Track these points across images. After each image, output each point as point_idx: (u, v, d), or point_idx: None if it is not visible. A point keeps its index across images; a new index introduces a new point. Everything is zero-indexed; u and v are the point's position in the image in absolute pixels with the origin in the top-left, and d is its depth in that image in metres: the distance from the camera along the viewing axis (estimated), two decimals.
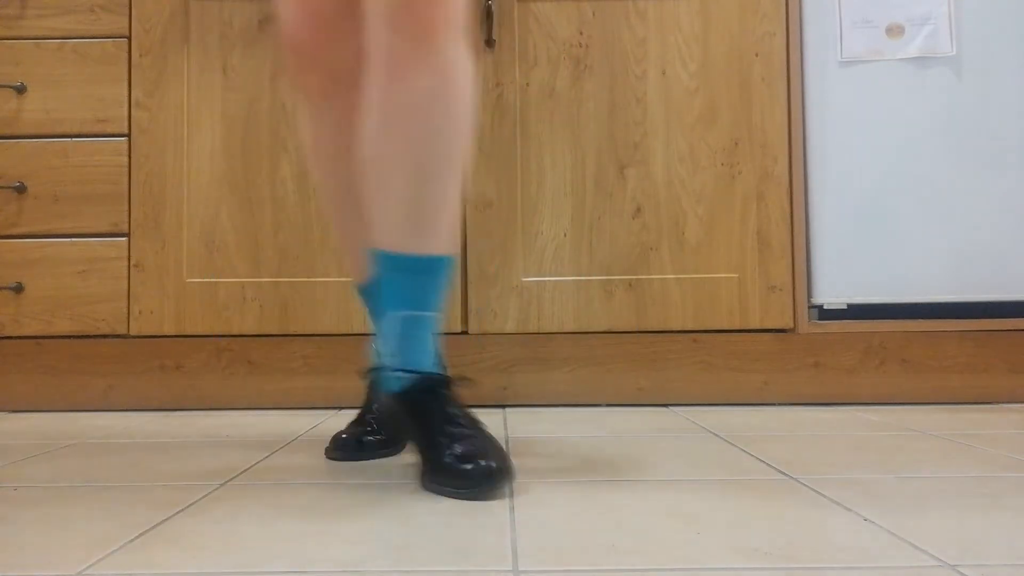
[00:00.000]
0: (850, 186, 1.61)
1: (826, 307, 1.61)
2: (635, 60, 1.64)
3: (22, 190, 1.64)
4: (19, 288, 1.63)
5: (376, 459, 1.10)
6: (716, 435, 1.27)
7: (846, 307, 1.61)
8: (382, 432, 1.13)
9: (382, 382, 0.99)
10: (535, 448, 1.17)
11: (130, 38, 1.66)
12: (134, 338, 1.64)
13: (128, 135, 1.65)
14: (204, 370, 1.64)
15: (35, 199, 1.64)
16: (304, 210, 1.63)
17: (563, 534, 0.74)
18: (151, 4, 1.65)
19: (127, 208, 1.64)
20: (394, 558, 0.68)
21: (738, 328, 1.61)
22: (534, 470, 1.02)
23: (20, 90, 1.65)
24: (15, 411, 1.65)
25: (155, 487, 0.95)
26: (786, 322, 1.61)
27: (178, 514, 0.83)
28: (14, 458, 1.15)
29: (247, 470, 1.04)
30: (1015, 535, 0.73)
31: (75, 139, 1.65)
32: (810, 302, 1.62)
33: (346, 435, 1.11)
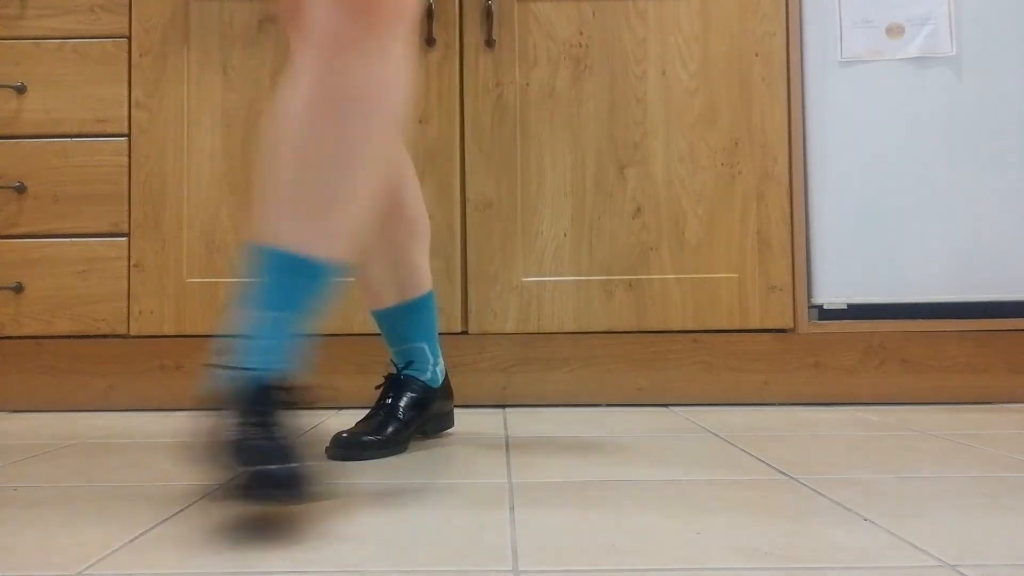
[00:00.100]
0: (850, 186, 1.61)
1: (826, 307, 1.61)
2: (635, 60, 1.64)
3: (22, 190, 1.64)
4: (19, 288, 1.63)
5: (376, 459, 1.10)
6: (716, 435, 1.27)
7: (846, 307, 1.61)
8: (382, 434, 1.13)
9: (215, 379, 0.86)
10: (535, 448, 1.17)
11: (130, 38, 1.66)
12: (134, 338, 1.64)
13: (128, 135, 1.65)
14: (204, 370, 1.64)
15: (35, 199, 1.64)
16: None
17: (563, 534, 0.74)
18: (151, 4, 1.65)
19: (127, 208, 1.64)
20: (394, 558, 0.68)
21: (738, 328, 1.61)
22: (534, 470, 1.02)
23: (20, 90, 1.65)
24: (15, 411, 1.65)
25: (155, 487, 0.95)
26: (786, 322, 1.61)
27: (178, 514, 0.83)
28: (14, 458, 1.15)
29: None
30: (1015, 535, 0.73)
31: (75, 139, 1.65)
32: (810, 302, 1.62)
33: (347, 435, 1.12)
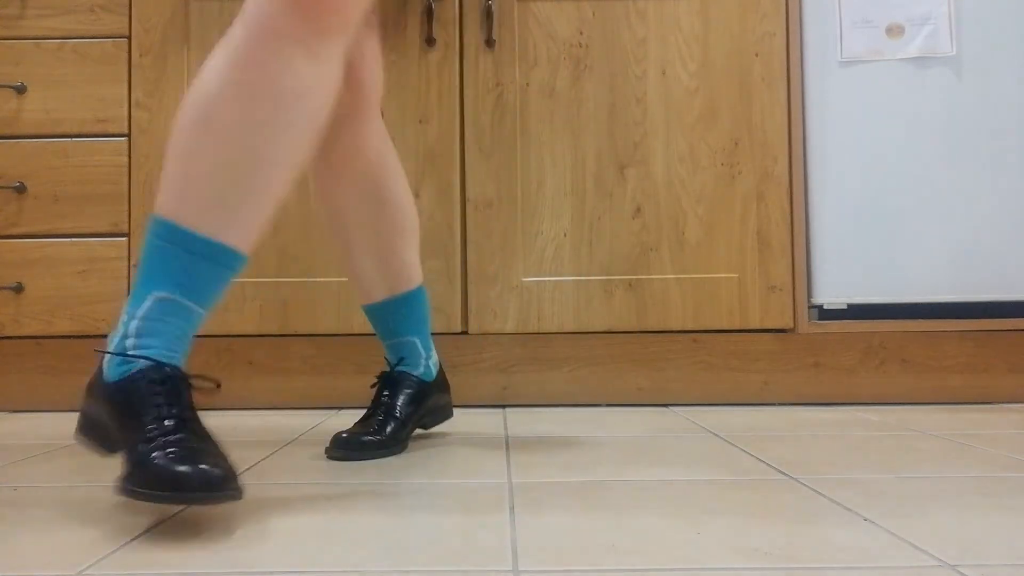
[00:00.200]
0: (850, 186, 1.61)
1: (826, 307, 1.61)
2: (635, 60, 1.64)
3: (22, 190, 1.64)
4: (19, 288, 1.63)
5: (376, 459, 1.10)
6: (716, 435, 1.27)
7: (846, 307, 1.61)
8: (382, 434, 1.13)
9: (104, 368, 0.83)
10: (535, 448, 1.17)
11: (130, 38, 1.66)
12: None
13: (128, 135, 1.65)
14: (203, 370, 1.64)
15: (35, 199, 1.64)
16: (304, 210, 1.63)
17: (563, 534, 0.74)
18: (151, 4, 1.65)
19: (127, 208, 1.64)
20: (394, 558, 0.68)
21: (738, 328, 1.61)
22: (534, 470, 1.02)
23: (20, 90, 1.65)
24: (15, 411, 1.65)
25: None
26: (786, 322, 1.61)
27: (178, 514, 0.83)
28: (14, 458, 1.15)
29: (247, 470, 1.04)
30: (1015, 535, 0.73)
31: (75, 139, 1.65)
32: (810, 302, 1.62)
33: (347, 435, 1.12)
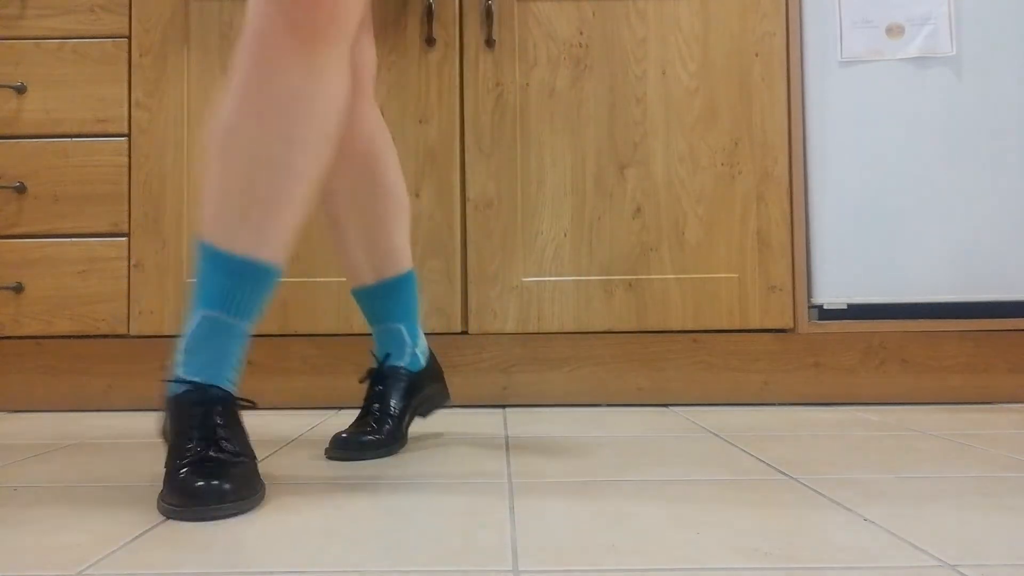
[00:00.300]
0: (850, 186, 1.61)
1: (826, 307, 1.61)
2: (635, 60, 1.64)
3: (22, 190, 1.64)
4: (19, 288, 1.63)
5: (376, 459, 1.10)
6: (716, 435, 1.27)
7: (846, 307, 1.61)
8: (381, 432, 1.13)
9: (169, 385, 0.91)
10: (535, 448, 1.17)
11: (130, 38, 1.66)
12: (134, 338, 1.64)
13: (128, 135, 1.65)
14: None
15: (35, 199, 1.64)
16: None
17: (563, 534, 0.74)
18: (151, 4, 1.65)
19: (127, 208, 1.64)
20: (394, 558, 0.68)
21: (738, 328, 1.61)
22: (534, 470, 1.02)
23: (20, 90, 1.65)
24: (15, 411, 1.65)
25: (155, 487, 0.95)
26: (786, 322, 1.61)
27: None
28: (14, 458, 1.15)
29: None
30: (1015, 535, 0.73)
31: (75, 139, 1.65)
32: (810, 302, 1.62)
33: (346, 435, 1.12)
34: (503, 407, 1.62)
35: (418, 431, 1.33)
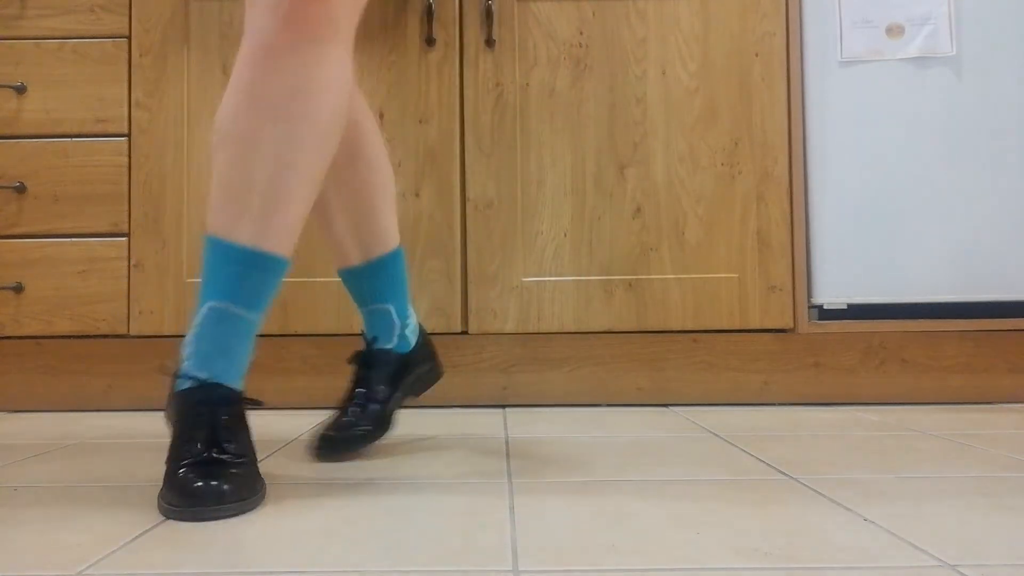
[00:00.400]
0: (850, 186, 1.61)
1: (826, 307, 1.61)
2: (635, 60, 1.64)
3: (22, 190, 1.64)
4: (19, 288, 1.63)
5: (361, 448, 1.10)
6: (716, 435, 1.27)
7: (846, 307, 1.61)
8: (366, 420, 1.11)
9: (175, 379, 0.91)
10: (535, 448, 1.17)
11: (130, 38, 1.66)
12: (134, 338, 1.64)
13: (128, 135, 1.65)
14: None
15: (35, 199, 1.64)
16: None
17: (563, 534, 0.74)
18: (151, 4, 1.65)
19: (127, 208, 1.64)
20: (394, 558, 0.68)
21: (738, 328, 1.61)
22: (534, 470, 1.02)
23: (20, 90, 1.65)
24: (15, 411, 1.65)
25: (155, 487, 0.95)
26: (786, 322, 1.61)
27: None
28: (14, 458, 1.15)
29: None
30: (1015, 535, 0.73)
31: (75, 139, 1.65)
32: (810, 302, 1.62)
33: (331, 431, 1.10)
34: (503, 407, 1.62)
35: (418, 431, 1.33)
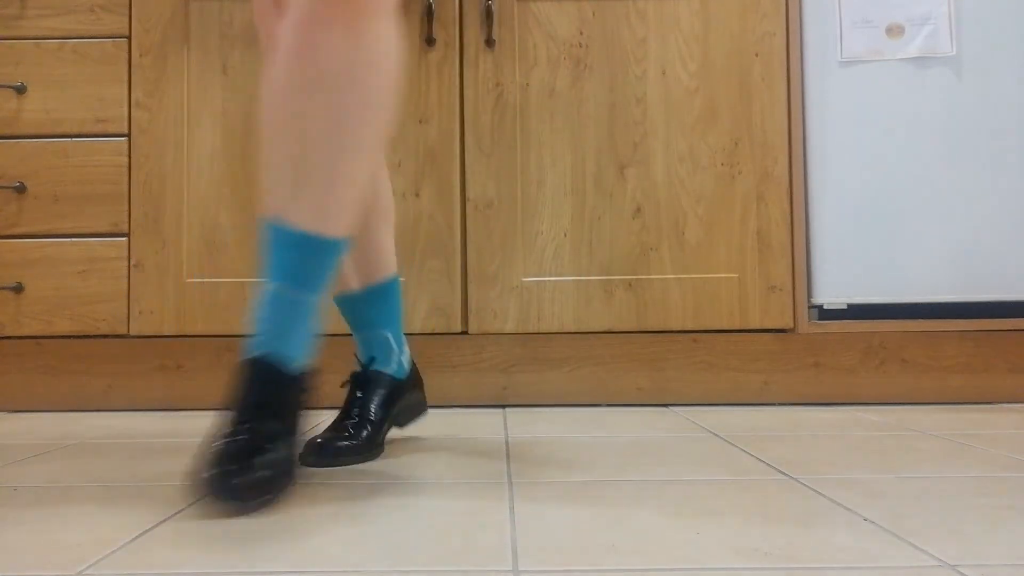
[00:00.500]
0: (850, 186, 1.61)
1: (826, 307, 1.61)
2: (635, 60, 1.64)
3: (22, 190, 1.64)
4: (19, 288, 1.63)
5: (351, 465, 1.06)
6: (716, 435, 1.27)
7: (846, 307, 1.61)
8: (358, 438, 1.08)
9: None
10: (535, 448, 1.17)
11: (130, 38, 1.66)
12: (134, 338, 1.64)
13: (128, 135, 1.65)
14: (204, 370, 1.64)
15: (35, 199, 1.64)
16: None
17: (563, 534, 0.74)
18: (151, 4, 1.65)
19: (127, 208, 1.64)
20: (394, 558, 0.68)
21: (738, 328, 1.61)
22: (534, 470, 1.02)
23: (20, 90, 1.65)
24: (15, 411, 1.65)
25: (155, 487, 0.95)
26: (786, 322, 1.61)
27: (178, 514, 0.83)
28: (14, 458, 1.15)
29: None
30: (1015, 535, 0.73)
31: (75, 139, 1.65)
32: (810, 302, 1.62)
33: (321, 440, 1.07)
34: (503, 407, 1.62)
35: (417, 431, 1.33)
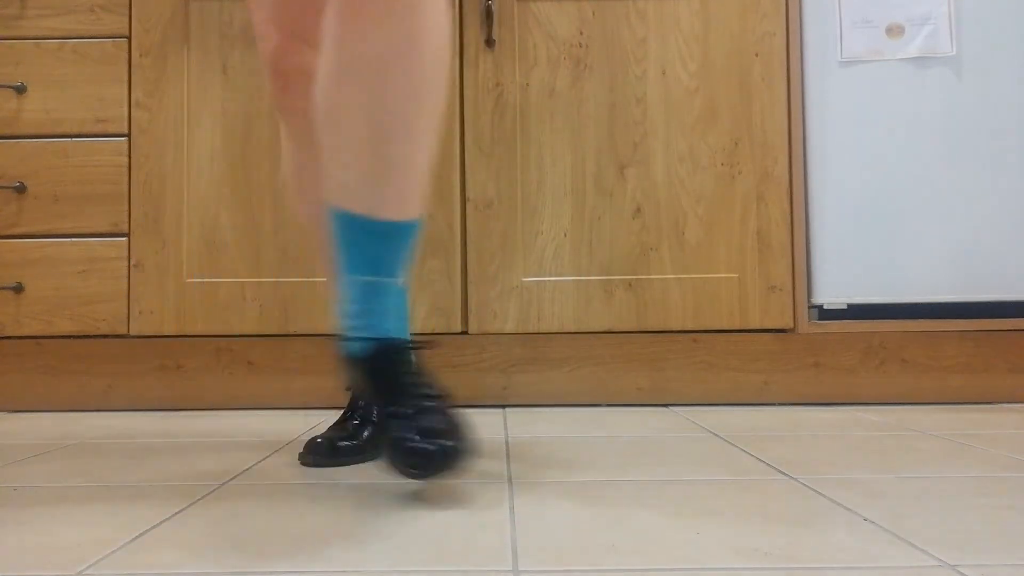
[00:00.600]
0: (850, 186, 1.61)
1: (826, 307, 1.61)
2: (635, 60, 1.64)
3: (22, 190, 1.64)
4: (19, 288, 1.63)
5: (351, 465, 1.06)
6: (716, 435, 1.27)
7: (846, 307, 1.61)
8: (359, 438, 1.07)
9: (345, 348, 0.94)
10: (535, 448, 1.17)
11: (130, 38, 1.66)
12: (134, 338, 1.64)
13: (128, 135, 1.65)
14: (204, 370, 1.64)
15: (35, 199, 1.64)
16: None
17: (563, 534, 0.74)
18: (151, 4, 1.65)
19: (127, 208, 1.64)
20: (394, 558, 0.68)
21: (738, 328, 1.61)
22: (534, 470, 1.02)
23: (20, 90, 1.65)
24: (15, 411, 1.65)
25: (155, 487, 0.95)
26: (786, 322, 1.61)
27: (178, 514, 0.83)
28: (14, 458, 1.15)
29: (247, 470, 1.04)
30: (1015, 535, 0.73)
31: (75, 139, 1.65)
32: (810, 302, 1.62)
33: (321, 440, 1.07)
34: (503, 407, 1.62)
35: None
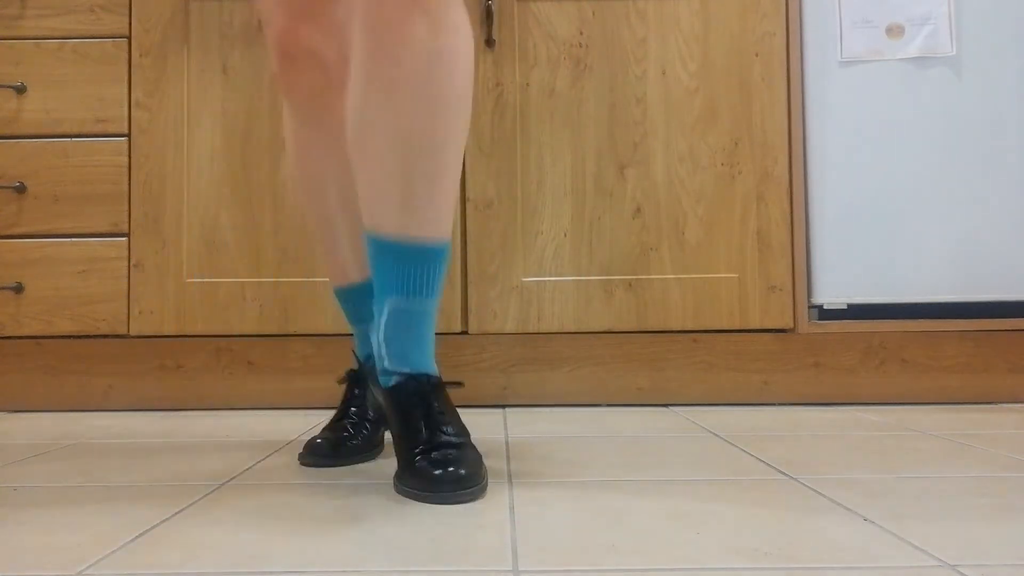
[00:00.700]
0: (850, 186, 1.61)
1: (826, 307, 1.61)
2: (635, 60, 1.64)
3: (22, 190, 1.64)
4: (19, 288, 1.63)
5: (351, 465, 1.06)
6: (716, 435, 1.27)
7: (846, 307, 1.61)
8: (358, 437, 1.08)
9: (376, 375, 0.96)
10: (535, 448, 1.17)
11: (130, 38, 1.66)
12: (134, 338, 1.64)
13: (128, 135, 1.65)
14: (204, 370, 1.64)
15: (35, 199, 1.64)
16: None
17: (563, 534, 0.74)
18: (151, 4, 1.65)
19: (127, 208, 1.64)
20: (394, 558, 0.68)
21: (738, 328, 1.61)
22: (534, 470, 1.02)
23: (20, 90, 1.65)
24: (15, 411, 1.65)
25: (155, 487, 0.95)
26: (786, 322, 1.61)
27: (178, 514, 0.83)
28: (14, 458, 1.15)
29: (247, 470, 1.04)
30: (1015, 535, 0.73)
31: (75, 139, 1.65)
32: (810, 302, 1.62)
33: (320, 440, 1.07)
34: (503, 407, 1.62)
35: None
